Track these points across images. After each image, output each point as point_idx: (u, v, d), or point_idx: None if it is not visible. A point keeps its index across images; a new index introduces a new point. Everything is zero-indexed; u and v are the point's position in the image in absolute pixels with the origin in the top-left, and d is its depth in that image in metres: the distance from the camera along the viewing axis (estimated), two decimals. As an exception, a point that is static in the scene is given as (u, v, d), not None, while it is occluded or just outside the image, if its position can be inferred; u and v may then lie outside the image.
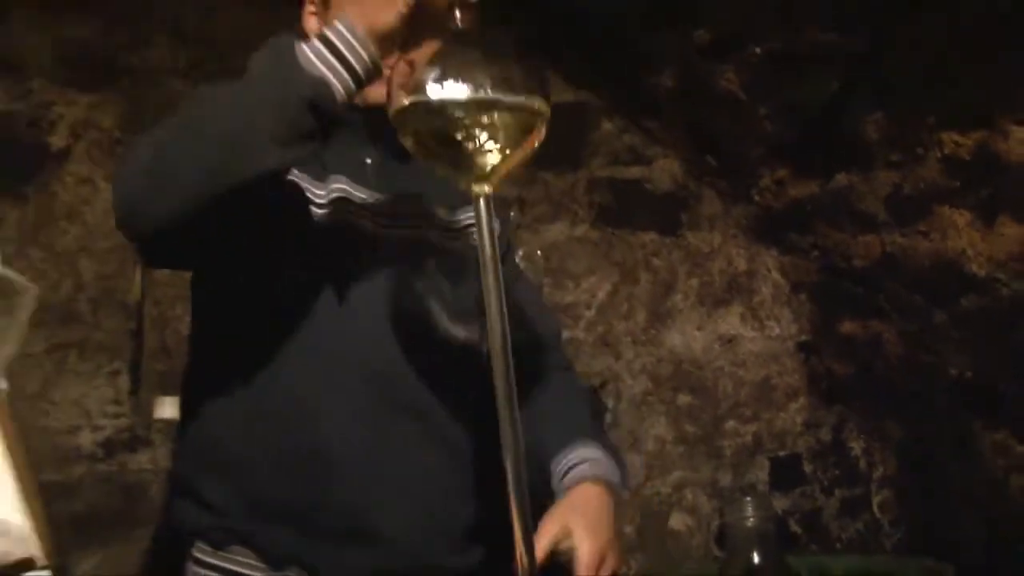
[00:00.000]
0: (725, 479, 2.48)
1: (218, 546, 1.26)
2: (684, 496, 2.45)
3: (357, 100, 1.14)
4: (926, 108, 1.93)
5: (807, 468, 2.56)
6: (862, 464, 2.56)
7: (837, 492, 2.56)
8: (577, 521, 1.22)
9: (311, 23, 1.34)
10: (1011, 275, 1.99)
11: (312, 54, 1.04)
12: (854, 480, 2.56)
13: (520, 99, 0.87)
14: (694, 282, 2.56)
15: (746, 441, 2.52)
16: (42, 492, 1.98)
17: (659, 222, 2.56)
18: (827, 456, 2.58)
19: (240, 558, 1.24)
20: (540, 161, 2.51)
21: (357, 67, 1.05)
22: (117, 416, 2.12)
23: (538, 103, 0.89)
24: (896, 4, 1.79)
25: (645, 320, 2.52)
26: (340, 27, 1.05)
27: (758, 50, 2.09)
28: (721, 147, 2.46)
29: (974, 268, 2.04)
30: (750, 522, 2.03)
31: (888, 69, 1.92)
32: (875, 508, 2.55)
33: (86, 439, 2.09)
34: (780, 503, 2.50)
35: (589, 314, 2.46)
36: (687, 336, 2.53)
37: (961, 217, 2.02)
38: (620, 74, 2.44)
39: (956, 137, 1.92)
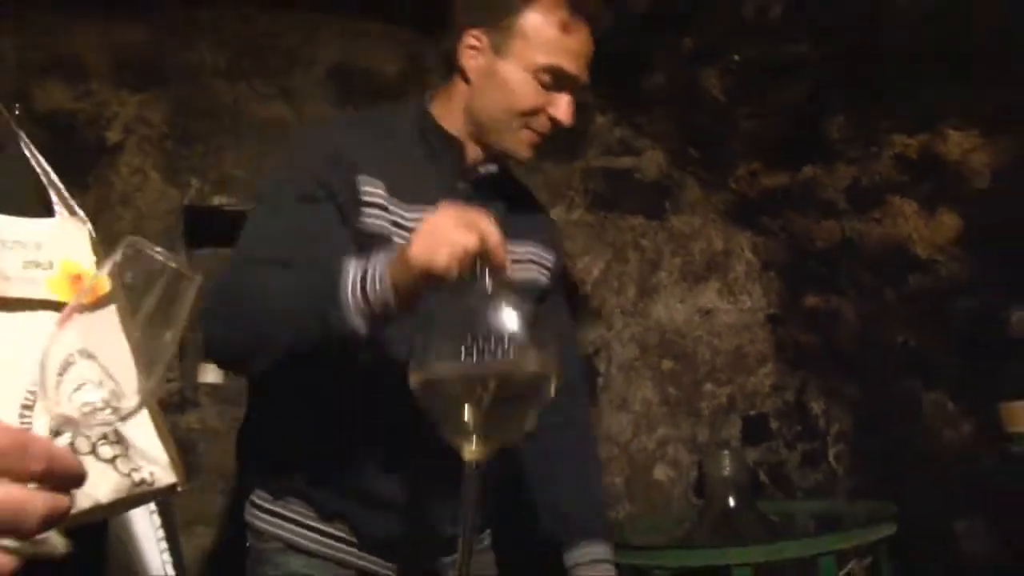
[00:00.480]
0: (703, 435, 2.77)
1: (277, 495, 1.49)
2: (667, 451, 2.74)
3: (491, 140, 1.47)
4: (881, 114, 2.22)
5: (773, 425, 2.87)
6: (821, 422, 2.87)
7: (799, 446, 2.87)
8: None
9: (468, 58, 1.47)
10: (948, 257, 2.30)
11: (349, 293, 1.17)
12: (814, 436, 2.87)
13: (532, 371, 0.95)
14: (677, 261, 2.84)
15: (721, 402, 2.81)
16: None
17: (646, 207, 2.83)
18: (791, 415, 2.88)
19: (295, 507, 1.48)
20: (540, 152, 2.77)
21: (378, 311, 1.17)
22: (168, 380, 2.35)
23: (550, 368, 0.96)
24: (858, 25, 2.08)
25: (634, 294, 2.80)
26: (376, 277, 1.16)
27: (738, 58, 2.37)
28: (702, 141, 2.73)
29: (919, 251, 2.36)
30: (726, 472, 2.36)
31: (850, 80, 2.21)
32: (831, 459, 2.87)
33: (145, 401, 2.34)
34: (750, 456, 2.81)
35: (585, 289, 2.73)
36: (670, 309, 2.82)
37: (909, 207, 2.33)
38: (615, 74, 2.70)
39: (905, 139, 2.23)
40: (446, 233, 1.12)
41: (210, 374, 2.49)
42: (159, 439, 0.81)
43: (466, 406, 0.94)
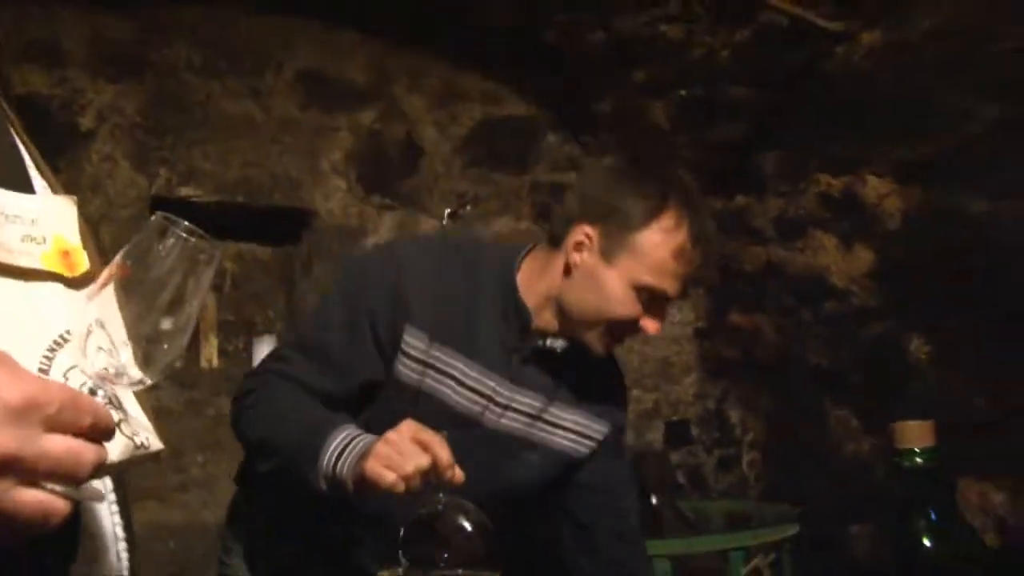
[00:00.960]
0: (629, 438, 2.98)
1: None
2: (595, 449, 2.94)
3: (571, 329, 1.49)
4: (808, 155, 2.45)
5: (694, 431, 3.10)
6: (737, 430, 3.11)
7: (716, 451, 3.10)
8: None
9: (573, 251, 1.46)
10: (861, 288, 2.54)
11: (324, 463, 1.31)
12: (730, 442, 3.11)
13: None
14: (613, 273, 3.04)
15: (647, 407, 3.03)
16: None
17: (588, 222, 3.02)
18: (710, 421, 3.12)
19: None
20: (493, 163, 2.94)
21: (342, 486, 1.30)
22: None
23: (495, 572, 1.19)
24: (795, 76, 2.30)
25: (572, 303, 2.98)
26: (348, 462, 1.30)
27: (684, 93, 2.57)
28: (645, 164, 2.93)
29: (835, 280, 2.59)
30: (650, 475, 2.56)
31: (783, 123, 2.43)
32: (744, 465, 3.11)
33: (105, 380, 2.43)
34: (672, 458, 3.04)
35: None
36: (605, 318, 3.01)
37: (829, 241, 2.57)
38: (567, 98, 2.89)
39: (829, 179, 2.46)
40: (401, 451, 1.25)
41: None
42: (143, 409, 0.86)
43: None
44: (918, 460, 1.39)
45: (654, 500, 2.43)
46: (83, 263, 0.89)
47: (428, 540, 1.22)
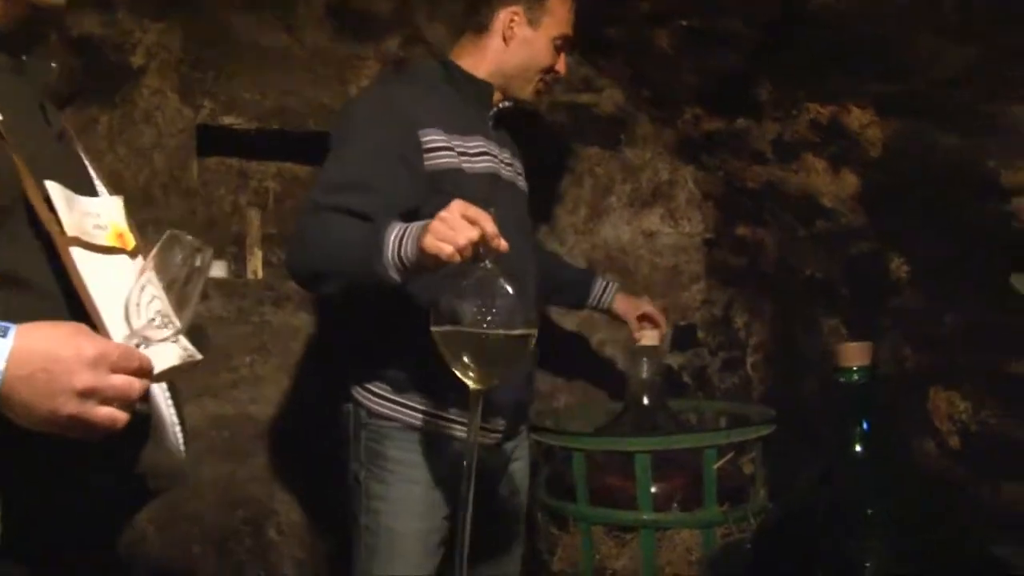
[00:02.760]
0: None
1: (398, 388, 1.98)
2: (604, 350, 3.22)
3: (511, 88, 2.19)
4: (799, 86, 2.58)
5: (700, 335, 3.34)
6: (742, 334, 3.34)
7: (720, 354, 3.34)
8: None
9: (507, 23, 2.14)
10: (848, 209, 2.70)
11: (390, 253, 1.60)
12: (734, 345, 3.34)
13: (521, 330, 1.43)
14: (627, 187, 3.24)
15: (656, 312, 3.25)
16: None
17: (602, 139, 3.21)
18: (716, 326, 3.35)
19: (416, 397, 1.99)
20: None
21: (410, 269, 1.60)
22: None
23: (533, 327, 1.45)
24: (782, 13, 2.41)
25: (586, 215, 3.20)
26: (408, 245, 1.57)
27: (684, 23, 2.70)
28: (653, 85, 3.09)
29: (825, 201, 2.75)
30: (644, 374, 2.80)
31: (774, 56, 2.56)
32: (748, 367, 3.34)
33: (163, 291, 2.76)
34: (678, 360, 3.30)
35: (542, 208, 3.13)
36: (617, 230, 3.22)
37: (819, 163, 2.72)
38: (580, 24, 3.02)
39: (818, 107, 2.59)
40: (453, 226, 1.47)
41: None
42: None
43: (468, 353, 1.40)
44: (855, 377, 1.65)
45: (646, 400, 2.69)
46: (132, 241, 1.33)
47: (473, 301, 1.40)
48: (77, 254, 1.21)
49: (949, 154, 2.30)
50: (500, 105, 2.18)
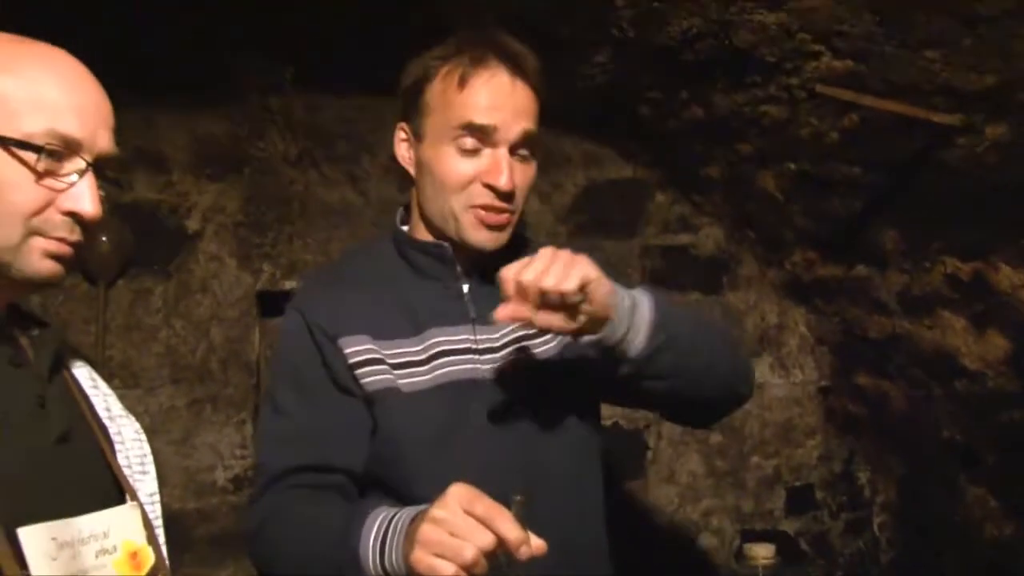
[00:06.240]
0: (747, 506, 2.87)
1: None
2: (711, 521, 2.86)
3: (451, 234, 1.37)
4: (931, 237, 2.23)
5: (819, 495, 2.95)
6: (867, 491, 2.94)
7: (842, 515, 2.95)
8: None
9: (400, 149, 1.44)
10: (995, 373, 2.32)
11: (370, 570, 1.15)
12: (858, 505, 2.94)
13: None
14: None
15: (767, 474, 2.90)
16: (187, 518, 2.44)
17: (703, 282, 2.89)
18: (836, 484, 2.96)
19: None
20: (600, 230, 2.82)
21: None
22: (243, 457, 2.54)
23: None
24: (907, 162, 2.08)
25: (684, 367, 2.87)
26: (393, 561, 1.12)
27: (793, 167, 2.39)
28: (758, 225, 2.77)
29: (967, 363, 2.37)
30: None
31: (901, 202, 2.22)
32: (875, 527, 2.94)
33: (220, 476, 2.53)
34: (794, 525, 2.91)
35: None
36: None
37: (958, 322, 2.35)
38: (674, 162, 2.74)
39: (957, 262, 2.24)
40: (454, 531, 1.04)
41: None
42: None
43: None
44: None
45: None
46: (149, 559, 1.10)
47: None
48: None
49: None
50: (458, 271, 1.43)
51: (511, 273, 1.18)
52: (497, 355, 1.40)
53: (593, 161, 2.80)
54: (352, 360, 1.35)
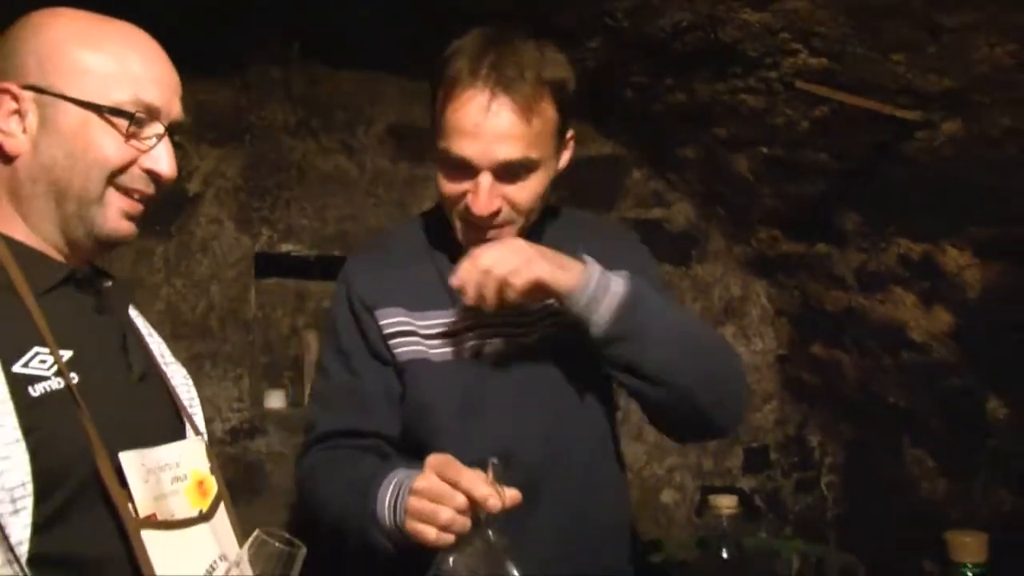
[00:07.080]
0: (707, 465, 3.09)
1: None
2: (674, 477, 3.07)
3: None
4: (888, 220, 2.44)
5: (772, 456, 3.18)
6: (816, 452, 3.18)
7: (794, 475, 3.18)
8: None
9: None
10: (940, 345, 2.54)
11: (383, 521, 1.29)
12: (808, 465, 3.18)
13: None
14: (697, 305, 3.10)
15: (727, 434, 3.11)
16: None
17: (673, 255, 3.07)
18: (789, 446, 3.18)
19: None
20: (579, 202, 2.98)
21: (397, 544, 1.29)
22: (240, 411, 2.67)
23: None
24: (872, 151, 2.27)
25: (654, 334, 3.06)
26: (400, 514, 1.26)
27: (765, 151, 2.57)
28: (727, 203, 2.96)
29: (914, 335, 2.60)
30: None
31: (863, 188, 2.42)
32: (823, 486, 3.18)
33: (218, 428, 2.65)
34: (750, 483, 3.14)
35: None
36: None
37: (908, 298, 2.57)
38: (651, 142, 2.91)
39: (909, 244, 2.45)
40: (432, 497, 1.19)
41: (273, 400, 2.80)
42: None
43: None
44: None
45: (724, 554, 2.53)
46: (213, 487, 1.22)
47: None
48: (149, 538, 1.11)
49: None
50: None
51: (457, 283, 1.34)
52: (526, 328, 1.46)
53: (575, 137, 2.94)
54: (387, 331, 1.46)
